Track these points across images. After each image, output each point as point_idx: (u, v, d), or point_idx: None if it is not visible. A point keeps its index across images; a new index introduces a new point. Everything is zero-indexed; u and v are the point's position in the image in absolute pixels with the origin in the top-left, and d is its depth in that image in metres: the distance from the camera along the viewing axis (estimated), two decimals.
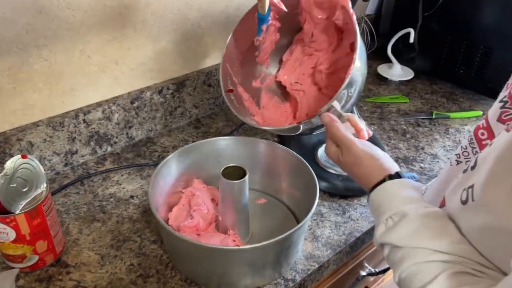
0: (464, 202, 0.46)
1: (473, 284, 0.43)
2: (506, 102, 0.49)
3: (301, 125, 0.72)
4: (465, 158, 0.56)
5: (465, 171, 0.49)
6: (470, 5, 1.11)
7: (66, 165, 0.89)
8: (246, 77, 0.86)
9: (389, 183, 0.56)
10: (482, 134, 0.53)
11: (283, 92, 0.91)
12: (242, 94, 0.85)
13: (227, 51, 0.82)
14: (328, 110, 0.67)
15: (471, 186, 0.45)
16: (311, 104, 0.85)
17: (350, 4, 0.71)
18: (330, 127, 0.65)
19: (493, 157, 0.43)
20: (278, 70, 0.90)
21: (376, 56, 1.31)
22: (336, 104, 0.67)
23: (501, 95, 0.52)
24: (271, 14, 0.78)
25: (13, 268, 0.67)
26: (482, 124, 0.53)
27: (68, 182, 0.85)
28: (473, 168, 0.47)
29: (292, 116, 0.87)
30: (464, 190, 0.46)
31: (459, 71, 1.20)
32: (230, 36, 0.81)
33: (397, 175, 0.57)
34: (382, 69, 1.27)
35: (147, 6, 0.88)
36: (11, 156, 0.79)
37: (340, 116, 0.67)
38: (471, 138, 0.55)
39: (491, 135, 0.51)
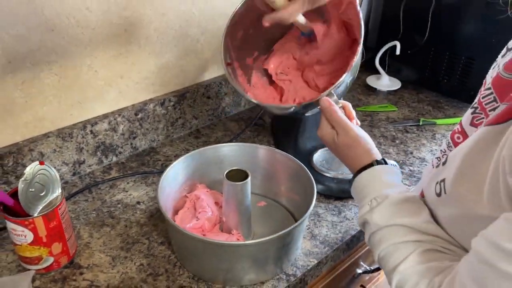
0: (438, 195, 0.52)
1: (441, 260, 0.50)
2: (476, 108, 0.55)
3: (300, 107, 0.78)
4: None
5: (437, 166, 0.55)
6: (452, 19, 1.19)
7: (74, 174, 0.93)
8: (242, 53, 0.88)
9: (376, 167, 0.62)
10: (458, 137, 0.58)
11: (270, 76, 0.93)
12: (237, 69, 0.88)
13: (231, 25, 0.82)
14: (327, 95, 0.72)
15: (443, 180, 0.51)
16: (298, 91, 0.88)
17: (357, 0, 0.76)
18: (329, 110, 0.69)
19: (461, 154, 0.49)
20: (267, 57, 0.92)
21: (365, 68, 1.38)
22: (334, 91, 0.73)
23: (473, 102, 0.58)
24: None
25: (29, 270, 0.71)
26: (457, 128, 0.59)
27: (77, 190, 0.89)
28: (444, 163, 0.53)
29: (279, 99, 0.90)
30: (437, 183, 0.53)
31: (443, 80, 1.27)
32: (236, 9, 0.81)
33: (383, 161, 0.63)
34: (371, 80, 1.33)
35: (150, 23, 0.94)
36: (24, 166, 0.84)
37: (337, 103, 0.72)
38: (448, 142, 0.60)
39: (466, 138, 0.57)
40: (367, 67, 1.38)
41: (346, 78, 0.75)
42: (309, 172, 0.78)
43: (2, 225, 0.80)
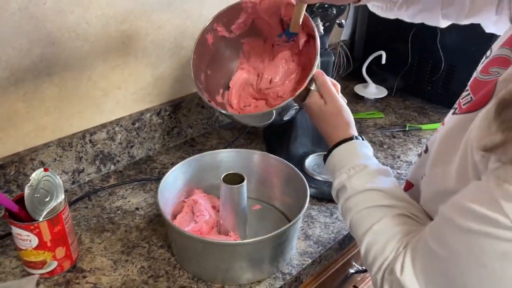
0: (421, 177, 0.60)
1: (410, 224, 0.57)
2: (456, 108, 0.61)
3: (274, 111, 0.78)
4: None
5: (420, 155, 0.62)
6: (434, 29, 1.25)
7: (73, 183, 0.96)
8: (212, 93, 0.89)
9: (355, 141, 0.68)
10: None
11: None
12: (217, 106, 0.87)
13: (194, 72, 0.83)
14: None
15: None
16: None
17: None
18: (322, 80, 0.74)
19: (437, 140, 0.57)
20: (224, 92, 0.92)
21: (352, 77, 1.44)
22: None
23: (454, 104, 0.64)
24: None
25: (33, 274, 0.73)
26: (441, 128, 0.64)
27: (77, 197, 0.92)
28: (426, 152, 0.60)
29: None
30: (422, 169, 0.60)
31: (427, 87, 1.33)
32: (192, 57, 0.83)
33: (361, 138, 0.70)
34: (358, 89, 1.38)
35: (147, 36, 0.97)
36: (25, 175, 0.87)
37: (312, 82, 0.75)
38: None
39: None
40: (355, 76, 1.43)
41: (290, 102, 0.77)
42: (302, 175, 0.82)
43: (4, 233, 0.82)
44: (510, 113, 0.41)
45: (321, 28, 0.87)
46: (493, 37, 0.77)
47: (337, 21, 0.95)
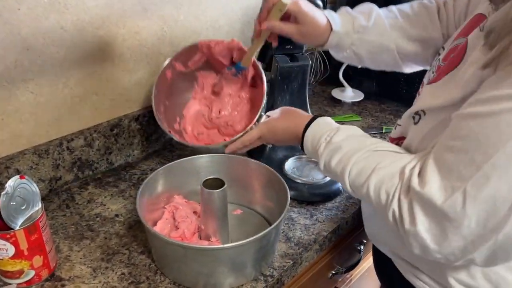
0: (416, 123, 0.65)
1: (406, 154, 0.63)
2: (425, 82, 0.71)
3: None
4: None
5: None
6: None
7: (51, 191, 0.94)
8: (170, 122, 0.94)
9: (318, 119, 0.73)
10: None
11: None
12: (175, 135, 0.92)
13: (155, 102, 0.90)
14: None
15: (419, 110, 0.64)
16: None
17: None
18: (249, 140, 0.83)
19: (427, 94, 0.66)
20: (181, 120, 0.96)
21: (329, 81, 1.45)
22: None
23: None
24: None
25: (10, 284, 0.72)
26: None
27: (54, 205, 0.90)
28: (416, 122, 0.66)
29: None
30: (413, 116, 0.65)
31: (402, 91, 1.36)
32: (153, 91, 0.90)
33: (321, 115, 0.74)
34: (336, 93, 1.41)
35: (124, 42, 0.97)
36: (0, 183, 0.85)
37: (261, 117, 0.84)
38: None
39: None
40: (332, 81, 1.45)
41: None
42: (282, 179, 0.83)
43: None
44: (498, 29, 0.49)
45: None
46: None
47: None
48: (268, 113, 0.84)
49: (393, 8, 0.85)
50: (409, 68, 0.89)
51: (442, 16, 0.82)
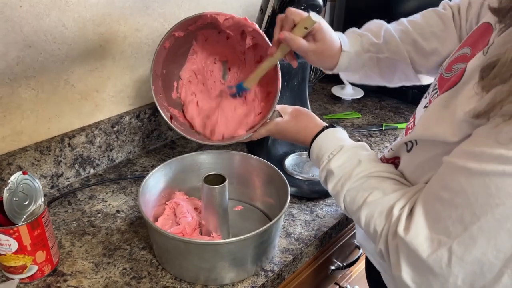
0: (409, 150, 0.63)
1: (398, 188, 0.60)
2: (427, 104, 0.65)
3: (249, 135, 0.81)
4: None
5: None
6: None
7: (52, 187, 0.95)
8: (168, 89, 0.87)
9: (328, 130, 0.72)
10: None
11: None
12: (176, 113, 0.86)
13: (153, 84, 0.81)
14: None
15: (412, 139, 0.62)
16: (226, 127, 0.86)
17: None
18: (257, 137, 0.82)
19: (427, 114, 0.61)
20: (178, 84, 0.89)
21: (329, 79, 1.46)
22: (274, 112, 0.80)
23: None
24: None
25: (13, 279, 0.72)
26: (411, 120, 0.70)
27: (56, 198, 0.91)
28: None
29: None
30: (406, 144, 0.63)
31: (402, 88, 1.36)
32: (151, 69, 0.81)
33: (331, 126, 0.73)
34: (336, 90, 1.41)
35: (125, 39, 0.97)
36: (2, 180, 0.85)
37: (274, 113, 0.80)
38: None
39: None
40: (332, 78, 1.45)
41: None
42: (283, 175, 0.83)
43: None
44: (495, 71, 0.46)
45: None
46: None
47: None
48: (279, 107, 0.80)
49: (403, 20, 0.82)
50: (428, 80, 0.85)
51: (456, 22, 0.78)
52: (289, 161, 1.02)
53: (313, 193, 0.94)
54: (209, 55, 0.88)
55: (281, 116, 0.79)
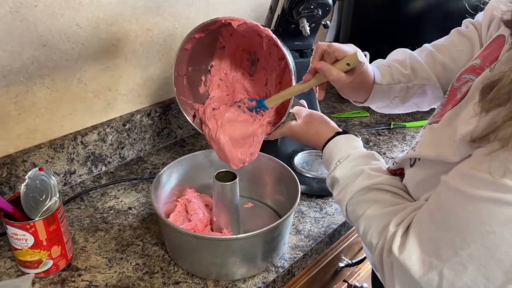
0: (412, 165, 0.62)
1: (398, 203, 0.59)
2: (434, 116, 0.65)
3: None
4: None
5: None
6: (414, 30, 1.29)
7: (65, 184, 0.96)
8: (195, 85, 0.87)
9: (339, 137, 0.72)
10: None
11: None
12: (199, 108, 0.86)
13: (176, 83, 0.82)
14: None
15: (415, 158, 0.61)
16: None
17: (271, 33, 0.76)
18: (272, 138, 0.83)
19: (432, 130, 0.59)
20: (206, 78, 0.88)
21: None
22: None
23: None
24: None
25: (28, 274, 0.74)
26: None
27: (69, 197, 0.92)
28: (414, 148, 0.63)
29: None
30: (411, 159, 0.62)
31: None
32: (173, 68, 0.81)
33: (344, 132, 0.73)
34: None
35: (136, 38, 0.99)
36: (17, 176, 0.87)
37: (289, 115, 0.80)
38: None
39: None
40: None
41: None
42: (293, 173, 0.84)
43: None
44: (494, 92, 0.44)
45: (307, 29, 0.90)
46: None
47: (323, 22, 0.98)
48: (295, 109, 0.80)
49: (427, 46, 0.81)
50: None
51: (482, 39, 0.76)
52: (298, 159, 1.03)
53: (322, 190, 0.95)
54: (236, 47, 0.86)
55: (295, 119, 0.79)
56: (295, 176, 0.83)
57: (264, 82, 0.87)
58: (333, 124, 0.76)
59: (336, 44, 0.72)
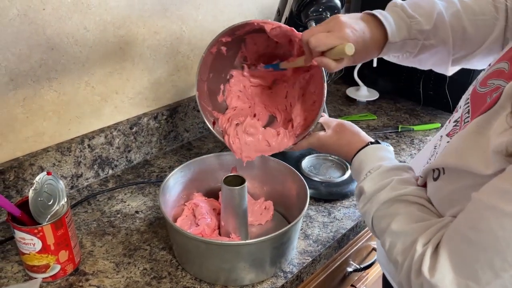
0: (435, 179, 0.58)
1: (424, 217, 0.56)
2: (457, 121, 0.63)
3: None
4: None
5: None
6: None
7: (72, 187, 0.96)
8: (214, 93, 0.86)
9: (370, 147, 0.69)
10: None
11: None
12: (220, 117, 0.86)
13: (198, 88, 0.81)
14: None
15: (439, 167, 0.57)
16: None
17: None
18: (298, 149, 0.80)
19: (456, 140, 0.55)
20: (224, 87, 0.88)
21: (344, 80, 1.46)
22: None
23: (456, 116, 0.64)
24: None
25: (36, 278, 0.73)
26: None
27: (76, 201, 0.92)
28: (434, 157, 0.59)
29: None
30: (433, 171, 0.58)
31: (418, 90, 1.36)
32: (197, 75, 0.81)
33: (376, 142, 0.71)
34: (351, 92, 1.41)
35: (144, 41, 0.98)
36: (24, 180, 0.87)
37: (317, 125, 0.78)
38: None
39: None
40: (347, 80, 1.46)
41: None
42: (301, 177, 0.84)
43: (4, 238, 0.82)
44: None
45: None
46: None
47: None
48: (323, 120, 0.78)
49: (456, 3, 0.73)
50: (453, 71, 0.78)
51: (509, 20, 0.70)
52: (306, 163, 1.02)
53: (330, 194, 0.94)
54: (258, 58, 0.86)
55: (324, 129, 0.77)
56: (304, 180, 0.82)
57: (284, 95, 0.86)
58: (365, 134, 0.74)
59: (317, 37, 0.66)
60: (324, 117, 0.79)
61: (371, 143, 0.70)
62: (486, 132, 0.49)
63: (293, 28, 0.73)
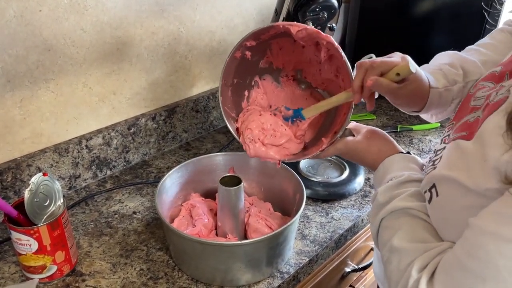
0: (429, 201, 0.56)
1: (426, 237, 0.54)
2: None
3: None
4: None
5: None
6: (422, 32, 1.28)
7: (70, 188, 0.96)
8: (238, 101, 0.84)
9: (399, 155, 0.67)
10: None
11: None
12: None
13: (222, 93, 0.79)
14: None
15: (433, 186, 0.54)
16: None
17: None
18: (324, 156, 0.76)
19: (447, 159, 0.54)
20: (249, 93, 0.85)
21: None
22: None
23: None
24: None
25: (32, 279, 0.73)
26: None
27: (74, 202, 0.92)
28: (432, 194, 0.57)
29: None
30: (425, 192, 0.56)
31: None
32: (220, 80, 0.78)
33: (407, 153, 0.68)
34: None
35: (141, 42, 0.99)
36: (22, 181, 0.87)
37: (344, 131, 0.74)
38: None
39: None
40: None
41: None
42: (298, 177, 0.83)
43: (1, 239, 0.82)
44: None
45: None
46: (480, 38, 0.80)
47: (328, 25, 0.97)
48: (352, 125, 0.75)
49: (472, 47, 0.76)
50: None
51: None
52: (304, 163, 1.02)
53: (328, 195, 0.94)
54: (283, 64, 0.83)
55: (353, 135, 0.74)
56: (301, 180, 0.82)
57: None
58: (396, 144, 0.71)
59: (379, 59, 0.66)
60: (353, 123, 0.76)
61: (402, 153, 0.68)
62: (480, 144, 0.48)
63: (319, 30, 0.72)
